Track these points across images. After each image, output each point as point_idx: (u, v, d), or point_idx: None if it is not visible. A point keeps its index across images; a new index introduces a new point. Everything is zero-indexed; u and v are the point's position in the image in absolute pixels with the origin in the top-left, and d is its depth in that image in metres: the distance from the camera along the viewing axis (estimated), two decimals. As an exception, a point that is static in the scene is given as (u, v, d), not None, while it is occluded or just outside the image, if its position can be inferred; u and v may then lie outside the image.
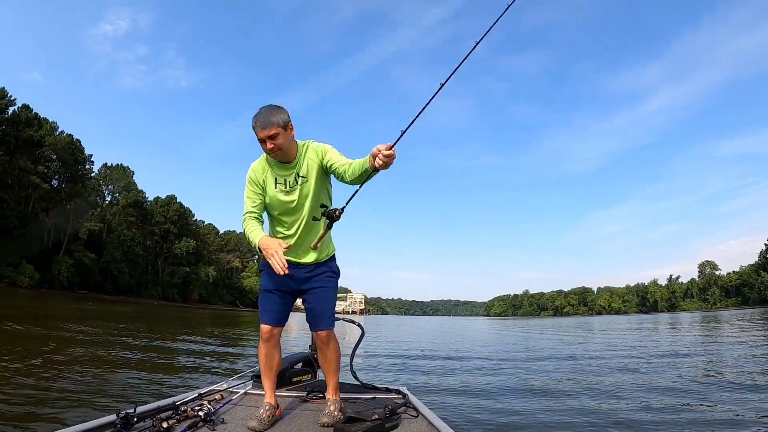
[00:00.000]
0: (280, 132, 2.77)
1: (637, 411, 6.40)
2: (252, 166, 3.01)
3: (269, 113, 2.78)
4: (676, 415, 6.11)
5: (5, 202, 55.98)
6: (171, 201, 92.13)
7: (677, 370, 10.37)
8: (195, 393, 3.45)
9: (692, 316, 77.06)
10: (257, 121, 2.77)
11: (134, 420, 2.61)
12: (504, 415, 6.19)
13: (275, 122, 2.75)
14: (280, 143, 2.80)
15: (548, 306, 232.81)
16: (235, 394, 3.58)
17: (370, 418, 2.70)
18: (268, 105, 2.85)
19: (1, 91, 59.68)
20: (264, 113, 2.78)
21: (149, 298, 77.90)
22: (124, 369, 8.63)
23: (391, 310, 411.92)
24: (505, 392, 7.93)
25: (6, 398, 5.57)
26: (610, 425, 5.72)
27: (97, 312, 29.30)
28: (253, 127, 2.77)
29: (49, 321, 18.47)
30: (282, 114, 2.80)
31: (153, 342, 14.71)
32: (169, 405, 2.98)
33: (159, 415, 2.70)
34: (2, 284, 48.92)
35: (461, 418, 5.98)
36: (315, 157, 2.97)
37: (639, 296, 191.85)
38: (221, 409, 3.15)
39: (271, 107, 2.82)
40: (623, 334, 27.24)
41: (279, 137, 2.78)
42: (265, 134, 2.75)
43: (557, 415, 6.25)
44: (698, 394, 7.43)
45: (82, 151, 70.20)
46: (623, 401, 7.11)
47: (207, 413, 2.86)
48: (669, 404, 6.80)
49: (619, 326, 39.35)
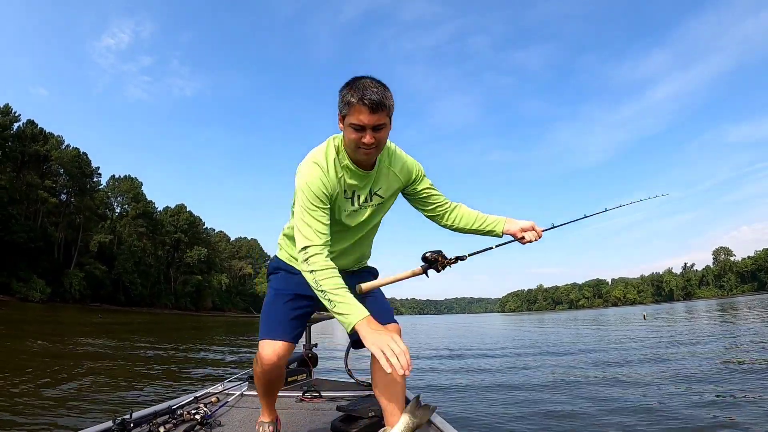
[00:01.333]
0: (387, 123, 1.93)
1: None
2: (311, 170, 1.99)
3: (384, 90, 1.89)
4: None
5: (14, 217, 55.96)
6: (181, 210, 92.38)
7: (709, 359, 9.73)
8: (191, 396, 3.42)
9: (708, 303, 76.28)
10: (368, 96, 1.83)
11: (131, 425, 2.56)
12: (505, 414, 5.88)
13: (388, 105, 1.90)
14: (382, 138, 1.95)
15: (563, 300, 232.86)
16: (231, 396, 3.51)
17: (366, 416, 2.62)
18: (371, 77, 1.92)
19: (5, 108, 59.97)
20: (378, 87, 1.87)
21: (162, 308, 77.94)
22: (125, 377, 8.45)
23: (405, 310, 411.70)
24: (507, 389, 7.67)
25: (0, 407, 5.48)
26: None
27: (104, 323, 28.94)
28: (358, 100, 1.84)
29: (54, 333, 18.09)
30: (392, 99, 1.94)
31: (160, 350, 14.20)
32: (166, 409, 2.96)
33: (155, 420, 2.72)
34: (14, 299, 48.74)
35: (463, 415, 5.80)
36: (402, 175, 2.20)
37: (654, 286, 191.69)
38: (218, 411, 3.11)
39: (380, 82, 1.91)
40: (643, 325, 26.22)
41: (384, 129, 1.93)
42: (374, 120, 1.86)
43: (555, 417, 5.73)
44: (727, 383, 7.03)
45: (89, 163, 70.45)
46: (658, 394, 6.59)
47: (203, 416, 2.84)
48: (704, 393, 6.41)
49: (636, 317, 38.22)
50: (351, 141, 1.93)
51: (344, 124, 1.93)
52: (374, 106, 1.83)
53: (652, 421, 5.16)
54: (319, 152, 2.05)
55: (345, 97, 1.88)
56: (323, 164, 2.00)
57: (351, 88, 1.88)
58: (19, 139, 60.62)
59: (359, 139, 1.89)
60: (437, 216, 2.32)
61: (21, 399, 5.92)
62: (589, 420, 5.41)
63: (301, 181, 1.98)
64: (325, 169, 1.99)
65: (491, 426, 5.33)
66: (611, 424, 5.18)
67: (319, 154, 2.04)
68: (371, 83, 1.87)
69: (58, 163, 64.21)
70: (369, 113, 1.84)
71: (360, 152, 1.95)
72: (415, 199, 2.30)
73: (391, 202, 2.24)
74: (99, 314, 39.82)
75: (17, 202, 59.18)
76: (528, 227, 2.25)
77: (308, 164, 2.01)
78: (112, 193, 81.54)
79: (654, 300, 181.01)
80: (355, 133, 1.88)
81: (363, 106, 1.82)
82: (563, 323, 38.18)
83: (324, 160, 2.02)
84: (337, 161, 2.04)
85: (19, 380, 7.20)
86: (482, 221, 2.30)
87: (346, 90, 1.90)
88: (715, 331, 17.91)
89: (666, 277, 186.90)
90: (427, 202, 2.29)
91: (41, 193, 60.93)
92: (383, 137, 1.95)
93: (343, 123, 1.95)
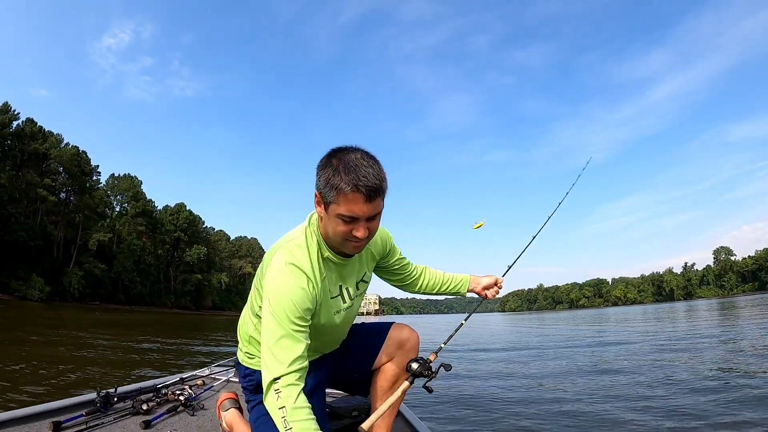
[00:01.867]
0: (382, 210, 1.60)
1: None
2: (293, 280, 1.59)
3: (380, 168, 1.55)
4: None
5: (13, 216, 55.91)
6: (180, 209, 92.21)
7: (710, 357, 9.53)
8: (177, 377, 3.41)
9: (709, 303, 76.09)
10: (364, 182, 1.47)
11: (114, 400, 2.59)
12: (489, 417, 5.61)
13: (385, 188, 1.56)
14: (375, 228, 1.63)
15: (563, 299, 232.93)
16: (217, 381, 3.48)
17: (349, 415, 2.58)
18: (361, 150, 1.57)
19: (4, 106, 59.84)
20: (374, 167, 1.52)
21: (162, 307, 77.82)
22: (115, 364, 8.51)
23: (405, 309, 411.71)
24: (498, 393, 7.38)
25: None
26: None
27: (102, 320, 28.76)
28: (352, 188, 1.47)
29: (51, 330, 17.81)
30: (386, 175, 1.59)
31: (156, 344, 14.11)
32: (151, 387, 2.96)
33: (139, 397, 2.70)
34: (13, 298, 48.61)
35: (442, 417, 5.55)
36: (376, 251, 1.97)
37: (654, 285, 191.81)
38: (202, 394, 3.10)
39: (373, 157, 1.57)
40: (644, 324, 26.07)
41: (379, 216, 1.61)
42: (371, 210, 1.52)
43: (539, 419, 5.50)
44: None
45: (89, 162, 70.34)
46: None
47: (187, 398, 2.81)
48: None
49: (637, 317, 38.09)
50: (338, 233, 1.56)
51: (328, 213, 1.55)
52: (372, 193, 1.48)
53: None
54: (299, 250, 1.64)
55: (331, 181, 1.49)
56: (307, 268, 1.62)
57: (340, 169, 1.48)
58: (18, 138, 60.48)
59: (349, 232, 1.54)
60: (406, 285, 2.18)
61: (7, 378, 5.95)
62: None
63: (279, 294, 1.56)
64: (310, 275, 1.62)
65: (486, 423, 5.23)
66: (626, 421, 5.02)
67: (300, 253, 1.64)
68: (364, 161, 1.50)
69: (57, 161, 64.07)
70: (365, 202, 1.48)
71: (349, 246, 1.61)
72: (386, 271, 2.09)
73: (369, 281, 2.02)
74: (97, 312, 39.65)
75: (16, 200, 59.03)
76: (490, 284, 2.29)
77: (287, 271, 1.59)
78: (111, 191, 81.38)
79: (654, 300, 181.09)
80: (345, 225, 1.53)
81: (358, 194, 1.46)
82: (564, 322, 37.99)
83: (308, 261, 1.63)
84: (320, 258, 1.68)
85: (10, 367, 7.19)
86: (448, 284, 2.25)
87: (332, 171, 1.50)
88: (722, 329, 17.77)
89: (666, 276, 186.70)
90: (398, 272, 2.11)
91: (40, 192, 60.77)
92: (376, 228, 1.62)
93: (325, 210, 1.56)
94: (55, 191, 65.04)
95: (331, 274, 1.73)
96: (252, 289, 1.86)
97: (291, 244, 1.67)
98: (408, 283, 2.17)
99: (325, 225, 1.62)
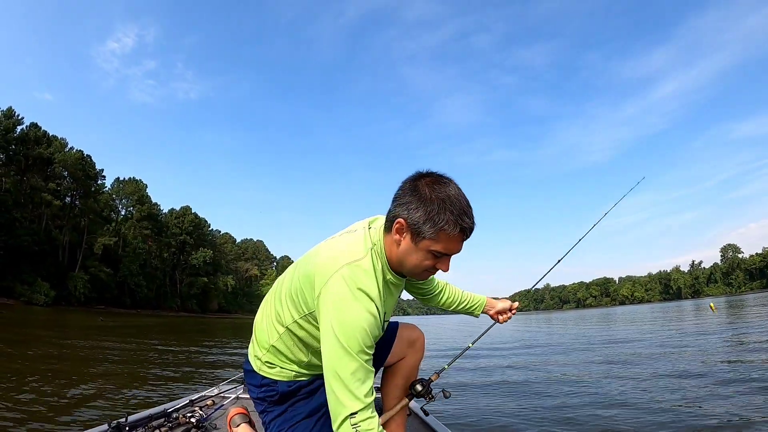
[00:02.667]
0: None
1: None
2: (363, 305, 1.48)
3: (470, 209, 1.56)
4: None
5: (18, 220, 55.78)
6: (186, 212, 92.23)
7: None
8: (186, 400, 3.36)
9: (717, 301, 75.28)
10: (469, 224, 1.48)
11: (126, 429, 2.56)
12: (500, 415, 5.74)
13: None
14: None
15: (570, 299, 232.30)
16: (227, 399, 3.44)
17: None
18: (456, 186, 1.53)
19: (8, 111, 59.81)
20: (470, 207, 1.52)
21: (168, 310, 77.73)
22: (123, 380, 8.31)
23: (411, 310, 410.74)
24: (502, 391, 7.50)
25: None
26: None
27: (106, 326, 28.45)
28: (459, 231, 1.46)
29: (56, 336, 17.69)
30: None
31: (163, 352, 13.77)
32: (161, 413, 2.92)
33: (151, 424, 2.69)
34: (18, 303, 48.39)
35: (457, 416, 5.67)
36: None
37: (662, 284, 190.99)
38: (213, 414, 3.06)
39: (465, 196, 1.53)
40: (656, 324, 25.54)
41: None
42: (462, 247, 1.55)
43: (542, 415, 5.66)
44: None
45: (93, 166, 70.23)
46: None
47: (199, 419, 2.80)
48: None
49: (646, 316, 37.71)
50: (422, 267, 1.54)
51: (417, 245, 1.50)
52: (470, 235, 1.50)
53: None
54: (366, 277, 1.50)
55: (435, 218, 1.44)
56: (375, 295, 1.50)
57: (445, 207, 1.44)
58: (22, 142, 60.38)
59: (434, 266, 1.53)
60: (428, 298, 2.20)
61: (17, 402, 5.79)
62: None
63: (350, 323, 1.44)
64: (378, 302, 1.50)
65: (492, 426, 5.23)
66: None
67: (367, 279, 1.50)
68: (463, 201, 1.48)
69: (61, 165, 63.95)
70: (462, 242, 1.50)
71: (423, 275, 1.60)
72: (413, 285, 2.07)
73: None
74: (101, 317, 39.36)
75: (21, 205, 58.96)
76: (505, 309, 2.34)
77: (357, 297, 1.47)
78: (116, 195, 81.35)
79: (662, 298, 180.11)
80: (433, 260, 1.51)
81: (462, 234, 1.47)
82: (571, 322, 37.49)
83: (375, 287, 1.51)
84: (384, 282, 1.59)
85: (16, 384, 7.03)
86: (465, 303, 2.30)
87: (436, 208, 1.44)
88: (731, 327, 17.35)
89: (674, 275, 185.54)
90: (423, 287, 2.12)
91: (45, 196, 60.66)
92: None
93: (412, 241, 1.50)
94: (60, 195, 64.96)
95: (390, 298, 1.70)
96: (280, 298, 1.75)
97: (356, 268, 1.51)
98: (429, 297, 2.19)
99: (403, 253, 1.55)
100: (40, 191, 60.80)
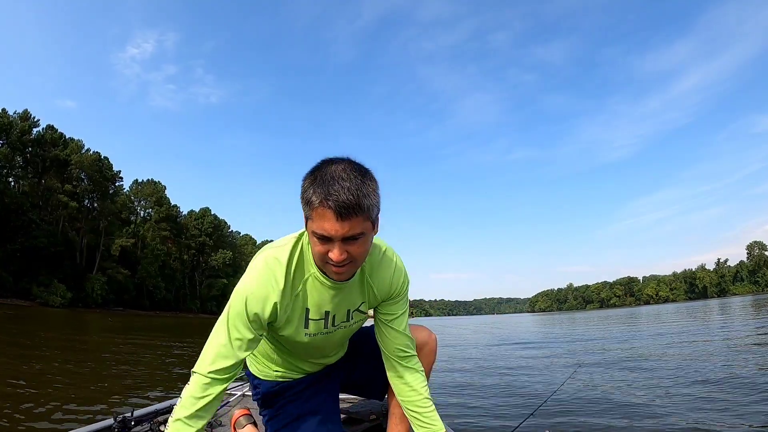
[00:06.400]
0: (366, 231, 1.31)
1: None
2: (262, 282, 1.43)
3: (362, 183, 1.27)
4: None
5: (34, 222, 55.38)
6: (205, 213, 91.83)
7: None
8: None
9: (743, 300, 73.33)
10: (335, 195, 1.23)
11: (132, 423, 2.54)
12: (500, 415, 5.53)
13: (367, 206, 1.27)
14: (359, 253, 1.36)
15: (594, 298, 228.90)
16: (233, 396, 3.34)
17: (368, 419, 2.55)
18: (348, 161, 1.32)
19: (24, 113, 59.65)
20: (353, 180, 1.25)
21: (187, 312, 76.97)
22: (130, 377, 8.07)
23: (434, 311, 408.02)
24: (502, 391, 7.12)
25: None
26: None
27: (119, 326, 27.45)
28: (320, 201, 1.24)
29: (69, 337, 17.16)
30: (376, 193, 1.31)
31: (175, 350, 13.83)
32: (167, 408, 2.91)
33: (156, 419, 2.68)
34: (34, 304, 47.82)
35: (467, 419, 5.40)
36: (380, 292, 1.62)
37: (687, 283, 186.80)
38: (219, 411, 2.96)
39: (358, 170, 1.30)
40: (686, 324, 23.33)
41: (362, 240, 1.33)
42: (344, 230, 1.26)
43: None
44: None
45: (111, 167, 69.84)
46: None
47: None
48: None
49: (672, 316, 35.22)
50: (316, 254, 1.37)
51: (308, 229, 1.36)
52: (343, 210, 1.23)
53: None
54: (276, 262, 1.46)
55: (306, 194, 1.29)
56: (280, 276, 1.44)
57: (316, 182, 1.27)
58: (39, 145, 60.20)
59: (325, 253, 1.32)
60: (381, 350, 1.71)
61: (25, 397, 5.67)
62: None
63: (240, 290, 1.44)
64: (283, 285, 1.44)
65: (493, 426, 5.02)
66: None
67: (276, 264, 1.46)
68: (344, 174, 1.25)
69: (78, 167, 63.56)
70: (336, 220, 1.24)
71: (328, 269, 1.39)
72: (385, 328, 1.68)
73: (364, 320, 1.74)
74: (109, 318, 38.41)
75: (38, 207, 58.76)
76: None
77: (259, 273, 1.46)
78: (135, 197, 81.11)
79: (687, 297, 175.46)
80: (321, 245, 1.32)
81: (327, 209, 1.24)
82: (594, 322, 35.17)
83: (283, 271, 1.44)
84: (303, 271, 1.49)
85: (26, 379, 6.84)
86: (416, 419, 1.64)
87: (309, 184, 1.29)
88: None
89: (699, 273, 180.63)
90: (381, 324, 1.69)
91: (62, 198, 60.35)
92: (360, 252, 1.35)
93: (305, 226, 1.39)
94: (77, 197, 64.60)
95: (316, 295, 1.52)
96: None
97: (276, 250, 1.51)
98: (381, 349, 1.70)
99: (311, 243, 1.40)
100: (57, 193, 60.52)
